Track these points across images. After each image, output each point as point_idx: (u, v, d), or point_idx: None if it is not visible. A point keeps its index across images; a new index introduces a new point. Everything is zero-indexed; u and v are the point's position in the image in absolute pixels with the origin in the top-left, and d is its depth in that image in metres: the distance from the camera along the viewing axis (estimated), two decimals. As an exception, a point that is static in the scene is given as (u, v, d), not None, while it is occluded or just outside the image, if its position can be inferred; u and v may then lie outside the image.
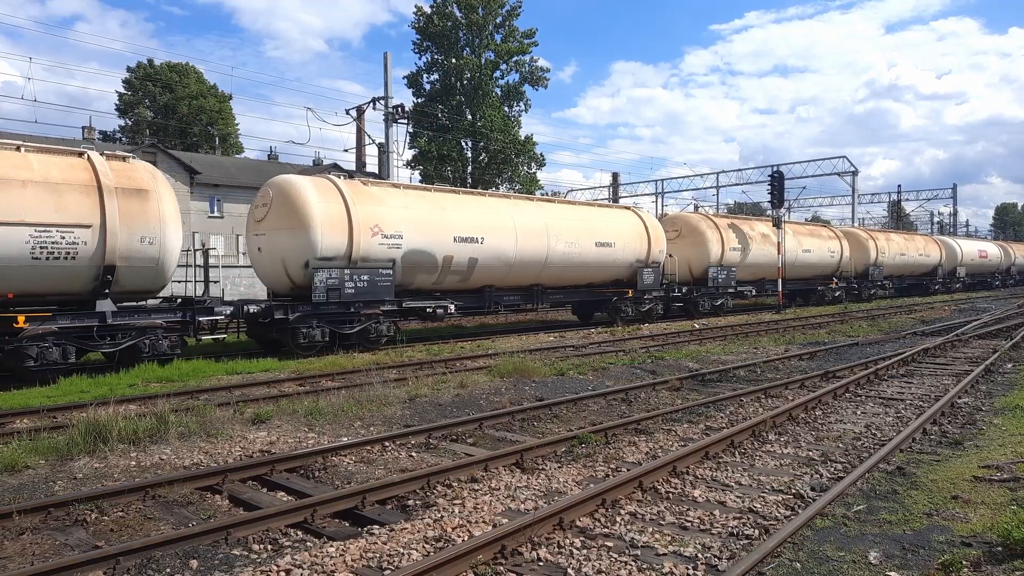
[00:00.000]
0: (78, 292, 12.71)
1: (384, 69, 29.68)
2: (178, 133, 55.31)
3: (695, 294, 26.23)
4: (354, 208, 16.01)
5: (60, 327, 12.32)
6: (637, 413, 9.62)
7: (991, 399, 10.50)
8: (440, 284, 18.20)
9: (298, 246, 15.47)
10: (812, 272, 33.36)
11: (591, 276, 22.31)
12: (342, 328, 16.07)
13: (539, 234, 19.95)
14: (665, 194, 62.17)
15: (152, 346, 13.45)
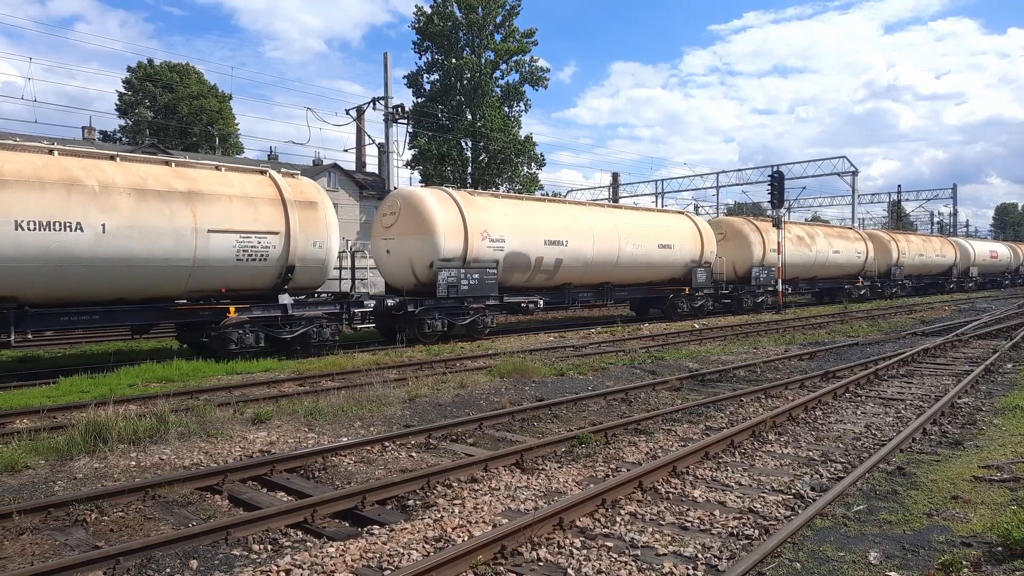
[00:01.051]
0: (265, 288, 15.03)
1: (384, 69, 29.69)
2: (178, 133, 55.31)
3: (739, 291, 28.25)
4: (467, 216, 18.38)
5: (253, 317, 14.64)
6: (637, 413, 9.62)
7: (991, 399, 10.50)
8: (530, 282, 20.53)
9: (424, 249, 17.80)
10: (841, 272, 35.39)
11: (652, 275, 24.46)
12: (456, 320, 18.38)
13: (612, 237, 22.21)
14: (665, 194, 62.18)
15: (318, 333, 15.68)
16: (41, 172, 11.94)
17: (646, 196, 61.90)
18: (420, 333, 17.65)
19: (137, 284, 13.11)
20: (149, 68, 58.04)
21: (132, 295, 13.29)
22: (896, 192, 74.82)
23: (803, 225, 35.39)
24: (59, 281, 12.14)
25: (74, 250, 12.01)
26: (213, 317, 14.14)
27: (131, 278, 12.92)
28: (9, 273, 11.54)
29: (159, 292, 13.53)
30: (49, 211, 11.76)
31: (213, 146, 54.75)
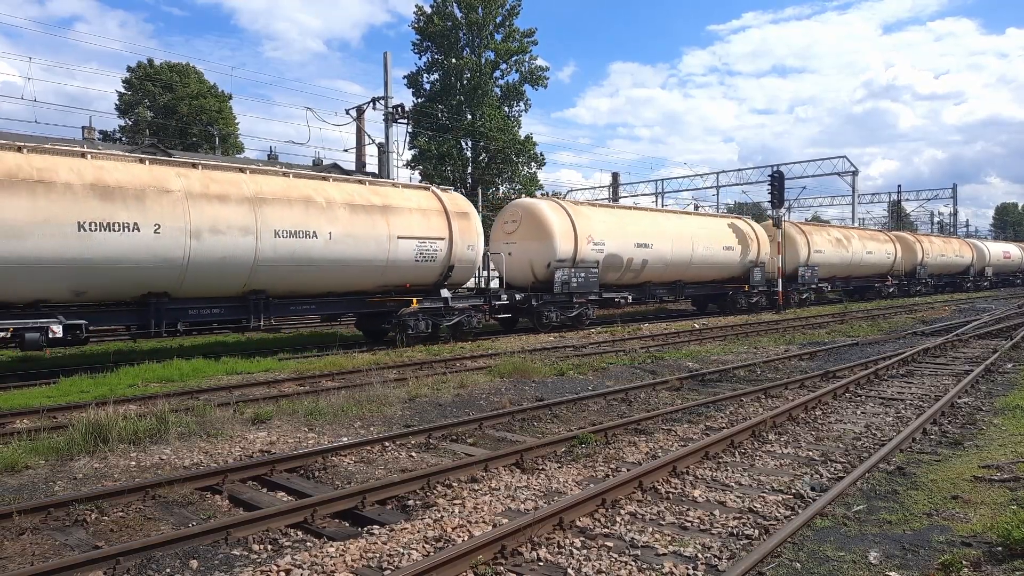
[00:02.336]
0: (431, 284, 18.16)
1: (384, 69, 29.69)
2: (178, 133, 55.30)
3: (788, 289, 30.94)
4: (576, 223, 21.45)
5: (423, 307, 17.72)
6: (637, 413, 9.62)
7: (991, 399, 10.50)
8: (620, 280, 23.54)
9: (543, 252, 20.92)
10: (872, 271, 38.51)
11: (716, 274, 27.46)
12: (566, 312, 21.34)
13: (686, 240, 25.38)
14: (665, 194, 62.17)
15: (468, 322, 18.78)
16: (287, 191, 15.09)
17: (646, 196, 61.90)
18: (539, 323, 20.85)
19: (347, 280, 16.38)
20: (149, 68, 58.01)
21: (339, 289, 16.51)
22: (896, 192, 74.85)
23: (840, 228, 38.48)
24: (296, 278, 15.28)
25: (310, 253, 15.13)
26: (395, 308, 17.46)
27: (344, 275, 16.15)
28: (266, 271, 14.65)
29: (359, 287, 16.84)
30: (295, 222, 14.88)
31: (213, 146, 54.72)
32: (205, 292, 14.27)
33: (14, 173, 11.77)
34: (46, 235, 11.82)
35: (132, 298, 13.48)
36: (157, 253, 13.04)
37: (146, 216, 12.90)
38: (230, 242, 13.90)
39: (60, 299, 12.68)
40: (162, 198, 13.18)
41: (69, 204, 12.14)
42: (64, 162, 12.56)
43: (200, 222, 13.52)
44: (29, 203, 11.74)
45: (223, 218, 13.85)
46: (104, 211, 12.44)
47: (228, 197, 14.09)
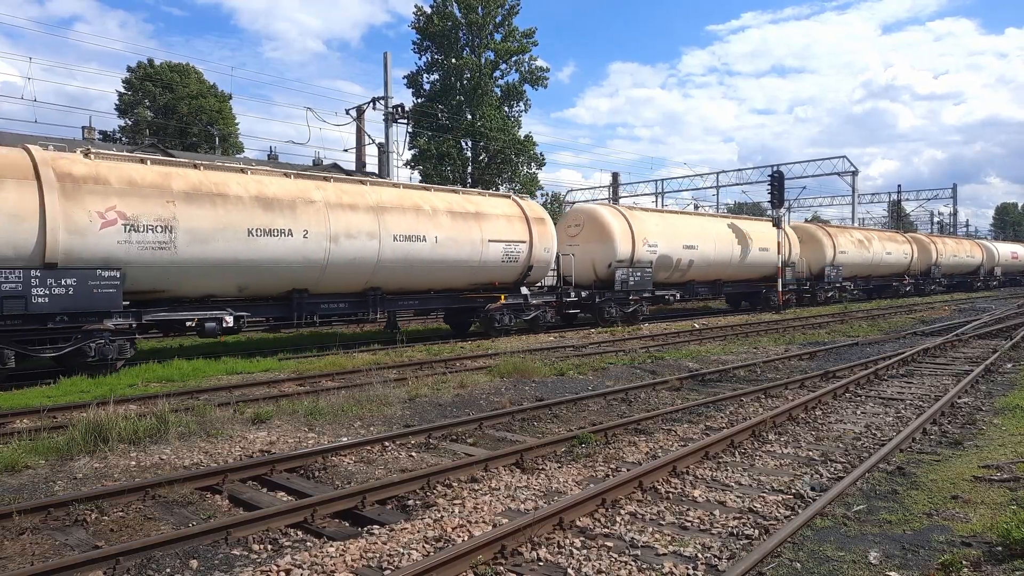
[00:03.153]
0: (512, 282, 20.21)
1: (384, 69, 29.70)
2: (178, 133, 55.30)
3: (815, 287, 33.44)
4: (633, 226, 23.79)
5: (507, 304, 19.92)
6: (637, 413, 9.62)
7: (991, 399, 10.50)
8: (669, 279, 25.80)
9: (605, 253, 23.26)
10: (891, 271, 40.77)
11: (752, 273, 29.79)
12: (624, 309, 23.40)
13: (727, 242, 27.72)
14: (665, 194, 62.17)
15: (543, 317, 20.93)
16: (401, 200, 17.40)
17: (646, 196, 61.89)
18: (600, 318, 22.98)
19: (445, 279, 18.49)
20: (149, 68, 58.00)
21: (438, 286, 18.67)
22: (896, 192, 74.87)
23: (861, 230, 41.38)
24: (406, 276, 17.41)
25: (419, 255, 17.29)
26: (482, 304, 19.53)
27: (444, 274, 18.27)
28: (385, 270, 16.79)
29: (454, 284, 18.92)
30: (408, 228, 17.05)
31: (213, 146, 54.70)
32: (335, 288, 16.41)
33: (197, 187, 13.82)
34: (224, 240, 13.93)
35: (279, 293, 15.60)
36: (304, 255, 15.22)
37: (297, 223, 15.06)
38: (359, 245, 16.14)
39: (226, 294, 14.76)
40: (308, 208, 15.37)
41: (240, 214, 14.20)
42: (232, 177, 14.72)
43: (337, 228, 15.73)
44: (211, 213, 13.81)
45: (354, 224, 16.09)
46: (266, 219, 14.61)
47: (357, 206, 16.36)
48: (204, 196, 13.81)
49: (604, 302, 22.93)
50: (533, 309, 20.57)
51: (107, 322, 12.66)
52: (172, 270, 13.44)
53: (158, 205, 13.19)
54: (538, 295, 21.03)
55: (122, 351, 12.94)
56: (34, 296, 11.79)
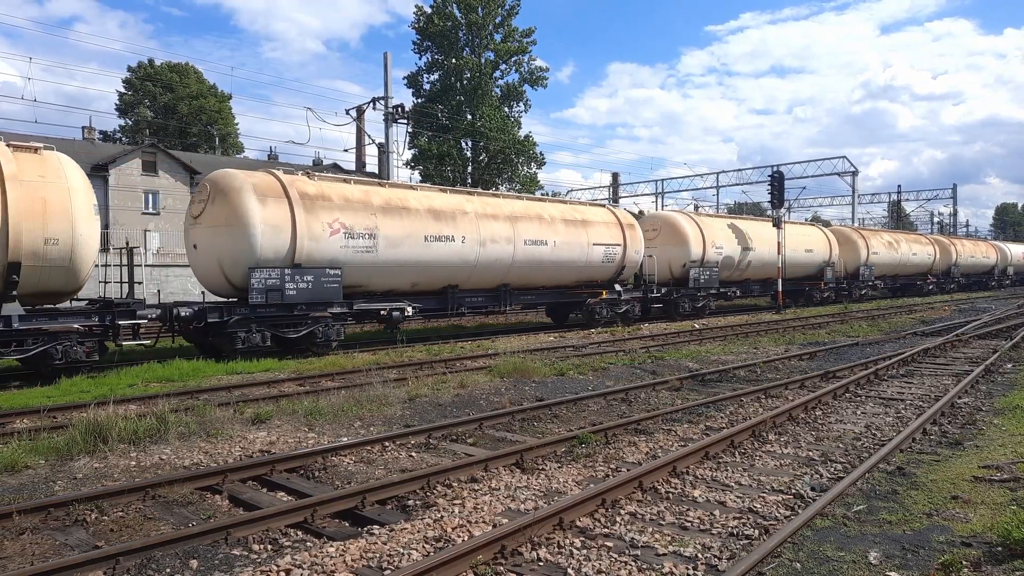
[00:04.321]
0: (608, 280, 23.30)
1: (384, 69, 29.69)
2: (178, 133, 55.30)
3: (850, 285, 36.02)
4: (704, 230, 26.84)
5: (604, 299, 22.71)
6: (637, 413, 9.62)
7: (991, 399, 10.50)
8: (730, 278, 28.56)
9: (681, 254, 26.15)
10: (915, 270, 43.50)
11: (799, 272, 32.66)
12: (694, 304, 26.36)
13: (774, 244, 29.96)
14: (665, 194, 62.18)
15: (632, 311, 23.76)
16: (527, 210, 20.70)
17: (646, 196, 61.91)
18: (675, 312, 25.65)
19: (558, 277, 21.70)
20: (149, 68, 58.03)
21: (551, 284, 21.76)
22: (896, 192, 74.85)
23: (890, 232, 44.84)
24: (531, 274, 20.59)
25: (542, 256, 20.47)
26: (583, 299, 22.45)
27: (558, 273, 21.48)
28: (516, 270, 20.02)
29: (563, 282, 22.13)
30: (534, 234, 20.23)
31: (213, 146, 54.70)
32: (478, 285, 19.57)
33: (389, 202, 17.05)
34: (408, 245, 17.01)
35: (438, 289, 18.60)
36: (461, 256, 18.36)
37: (457, 230, 18.18)
38: (499, 248, 19.29)
39: (402, 290, 17.79)
40: (464, 217, 18.53)
41: (418, 223, 17.36)
42: (410, 193, 18.18)
43: (485, 234, 18.91)
44: (400, 223, 16.93)
45: (496, 231, 19.24)
46: (436, 227, 17.73)
47: (498, 216, 19.57)
48: (394, 209, 17.02)
49: (680, 297, 25.81)
50: (624, 303, 23.51)
51: (330, 310, 15.79)
52: (373, 269, 16.61)
53: (365, 217, 16.31)
54: (628, 291, 24.04)
55: (337, 334, 16.07)
56: (287, 289, 14.96)
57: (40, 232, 11.83)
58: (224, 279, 14.91)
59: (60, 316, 12.61)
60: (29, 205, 11.71)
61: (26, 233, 11.68)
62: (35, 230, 11.77)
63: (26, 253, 11.73)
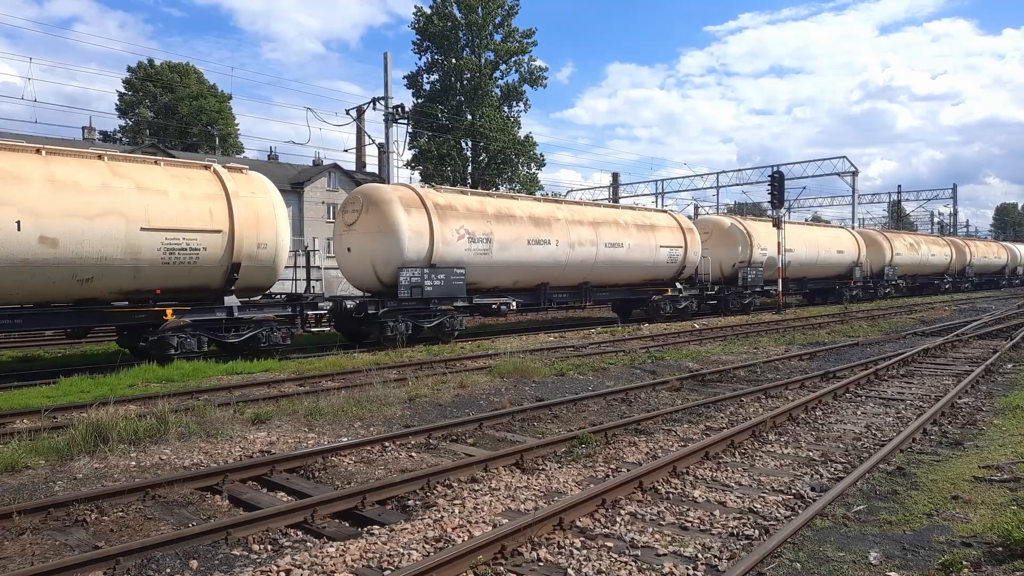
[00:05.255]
0: (670, 279, 25.71)
1: (384, 69, 29.66)
2: (178, 133, 55.29)
3: (875, 283, 38.50)
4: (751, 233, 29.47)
5: (668, 296, 25.40)
6: (637, 413, 9.62)
7: (991, 399, 10.50)
8: (771, 277, 30.19)
9: (731, 255, 28.81)
10: (933, 270, 45.91)
11: (830, 272, 35.38)
12: (741, 301, 28.48)
13: (814, 245, 33.38)
14: (665, 194, 62.14)
15: (691, 307, 26.28)
16: (606, 216, 23.38)
17: (646, 196, 61.88)
18: (726, 308, 27.97)
19: (629, 276, 24.09)
20: (149, 68, 58.04)
21: (623, 282, 24.11)
22: (896, 192, 74.80)
23: (911, 234, 48.71)
24: (608, 273, 23.04)
25: (618, 257, 22.97)
26: (650, 295, 24.82)
27: (630, 272, 23.92)
28: (597, 269, 22.40)
29: (633, 280, 24.47)
30: (613, 237, 22.78)
31: (213, 146, 54.68)
32: (564, 283, 21.76)
33: (500, 210, 19.84)
34: (515, 248, 19.67)
35: (533, 286, 20.92)
36: (554, 258, 20.85)
37: (552, 235, 20.74)
38: (584, 251, 21.71)
39: (506, 287, 20.29)
40: (556, 223, 21.09)
41: (523, 229, 20.04)
42: (514, 203, 21.00)
43: (573, 238, 21.35)
44: (509, 228, 19.64)
45: (582, 235, 21.72)
46: (536, 232, 20.34)
47: (583, 221, 22.08)
48: (504, 216, 19.72)
49: (730, 295, 28.07)
50: (684, 300, 25.94)
51: (455, 304, 18.39)
52: (488, 269, 19.16)
53: (483, 223, 18.99)
54: (687, 289, 26.47)
55: (460, 324, 18.83)
56: (425, 286, 17.55)
57: (255, 238, 14.38)
58: (375, 277, 17.68)
59: (265, 307, 15.51)
60: (246, 216, 14.28)
61: (245, 239, 14.21)
62: (251, 236, 14.33)
63: (244, 255, 14.30)
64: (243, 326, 14.65)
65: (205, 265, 13.83)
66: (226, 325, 14.42)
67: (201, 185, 14.04)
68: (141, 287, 13.34)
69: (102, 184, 12.68)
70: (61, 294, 12.62)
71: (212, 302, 14.40)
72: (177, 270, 13.48)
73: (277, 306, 15.75)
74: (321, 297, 16.74)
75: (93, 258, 12.40)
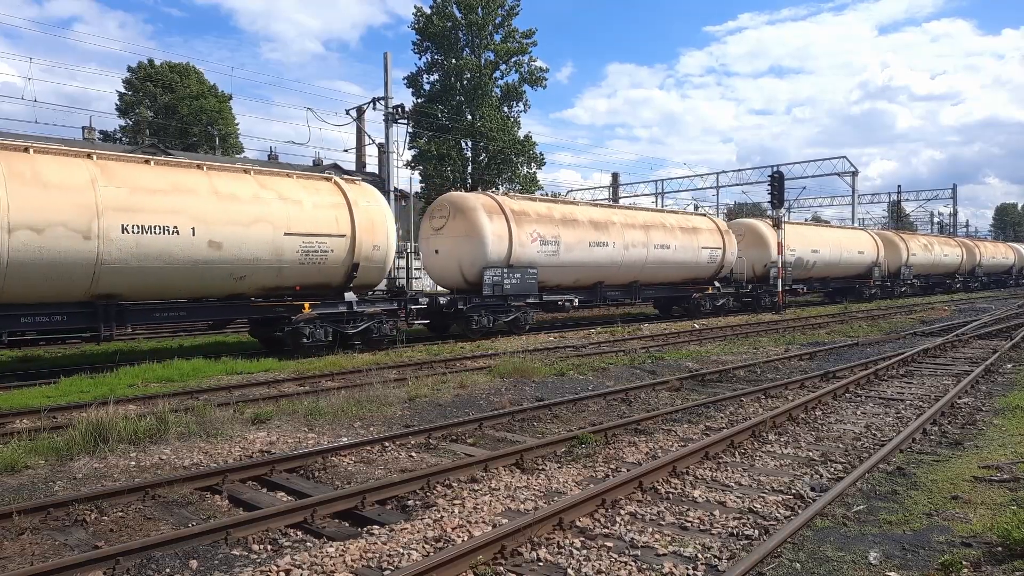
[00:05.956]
0: (709, 278, 27.65)
1: (384, 69, 29.67)
2: (178, 133, 55.27)
3: (892, 282, 40.51)
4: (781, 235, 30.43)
5: (710, 293, 27.29)
6: (637, 413, 9.61)
7: (991, 399, 10.50)
8: (799, 276, 32.43)
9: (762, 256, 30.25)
10: (945, 270, 47.70)
11: (851, 271, 37.12)
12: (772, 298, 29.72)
13: (837, 246, 35.34)
14: (665, 194, 62.13)
15: (728, 305, 27.94)
16: (653, 220, 25.31)
17: (646, 196, 61.87)
18: (758, 306, 29.53)
19: (673, 275, 25.83)
20: (150, 68, 57.98)
21: (666, 281, 25.84)
22: (896, 192, 74.76)
23: (924, 235, 51.20)
24: (656, 272, 24.89)
25: (665, 257, 24.89)
26: (690, 293, 26.63)
27: (674, 272, 25.75)
28: (647, 269, 24.33)
29: (675, 279, 26.16)
30: (661, 239, 24.68)
31: (213, 146, 54.67)
32: (617, 282, 23.66)
33: (565, 215, 21.81)
34: (578, 250, 21.59)
35: (590, 285, 22.85)
36: (611, 259, 22.75)
37: (609, 237, 22.68)
38: (637, 252, 23.63)
39: (567, 285, 22.11)
40: (612, 227, 23.04)
41: (585, 232, 21.97)
42: (576, 208, 23.18)
43: (627, 240, 23.25)
44: (573, 232, 21.55)
45: (635, 237, 23.63)
46: (596, 235, 22.24)
47: (635, 225, 23.99)
48: (569, 221, 21.63)
49: (762, 293, 29.58)
50: (721, 297, 27.57)
51: (527, 300, 20.31)
52: (556, 269, 21.10)
53: (551, 228, 20.93)
54: (725, 287, 28.06)
55: (531, 319, 20.89)
56: (504, 284, 19.53)
57: (371, 241, 16.23)
58: (461, 277, 19.61)
59: (376, 301, 17.37)
60: (364, 222, 16.13)
61: (363, 242, 16.05)
62: (368, 240, 16.18)
63: (363, 256, 16.12)
64: (359, 319, 16.58)
65: (331, 265, 15.72)
66: (346, 317, 16.33)
67: (327, 195, 15.96)
68: (280, 284, 15.24)
69: (253, 195, 14.51)
70: (216, 290, 14.45)
71: (333, 298, 16.23)
72: (309, 269, 15.37)
73: (385, 301, 17.64)
74: (422, 293, 19.47)
75: (247, 259, 14.22)
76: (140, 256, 12.70)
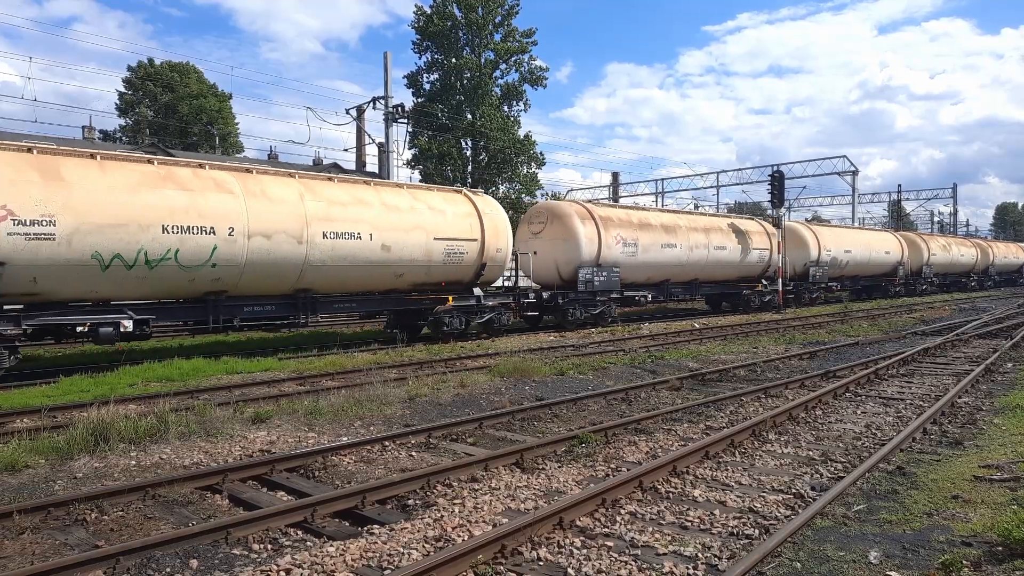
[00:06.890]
0: (757, 276, 30.01)
1: (384, 69, 29.68)
2: (178, 132, 55.24)
3: (914, 280, 42.76)
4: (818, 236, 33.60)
5: (759, 290, 29.65)
6: (637, 413, 9.61)
7: (991, 399, 10.50)
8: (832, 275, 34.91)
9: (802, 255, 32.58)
10: (960, 269, 50.28)
11: (878, 270, 39.67)
12: (811, 295, 33.19)
13: (866, 247, 37.44)
14: (665, 194, 62.13)
15: (773, 301, 29.77)
16: (712, 224, 27.76)
17: (646, 196, 61.86)
18: (798, 302, 31.77)
19: (728, 273, 28.49)
20: (149, 68, 57.94)
21: (721, 279, 28.34)
22: (896, 192, 74.74)
23: (943, 236, 54.22)
24: (713, 271, 27.28)
25: (722, 258, 27.43)
26: (741, 290, 29.03)
27: (731, 270, 28.38)
28: (707, 268, 26.82)
29: (730, 277, 28.77)
30: (719, 241, 27.23)
31: (213, 145, 54.64)
32: (681, 279, 26.14)
33: (641, 220, 24.42)
34: (652, 250, 24.41)
35: (658, 282, 25.24)
36: (677, 259, 25.30)
37: (677, 240, 25.24)
38: (699, 253, 26.05)
39: (640, 283, 24.51)
40: (680, 230, 25.58)
41: (658, 235, 24.53)
42: (649, 214, 25.95)
43: (691, 242, 25.74)
44: (648, 235, 24.17)
45: (698, 240, 26.10)
46: (666, 238, 24.87)
47: (697, 228, 26.41)
48: (644, 225, 24.26)
49: (802, 290, 32.37)
50: (768, 294, 29.77)
51: (611, 295, 22.60)
52: (634, 268, 23.54)
53: (631, 231, 23.51)
54: (771, 285, 30.09)
55: (615, 313, 23.12)
56: (594, 281, 21.94)
57: (495, 244, 18.85)
58: (557, 275, 22.07)
59: (496, 295, 20.28)
60: (491, 229, 18.80)
61: (490, 245, 18.73)
62: (492, 243, 18.82)
63: (489, 257, 18.81)
64: (484, 311, 19.18)
65: (466, 264, 18.43)
66: (474, 309, 18.94)
67: (462, 205, 18.79)
68: (427, 281, 17.95)
69: (410, 207, 17.31)
70: (380, 285, 17.16)
71: (464, 292, 18.81)
72: (450, 268, 18.10)
73: (503, 295, 20.46)
74: (531, 289, 21.55)
75: (407, 260, 16.97)
76: (334, 257, 15.45)
